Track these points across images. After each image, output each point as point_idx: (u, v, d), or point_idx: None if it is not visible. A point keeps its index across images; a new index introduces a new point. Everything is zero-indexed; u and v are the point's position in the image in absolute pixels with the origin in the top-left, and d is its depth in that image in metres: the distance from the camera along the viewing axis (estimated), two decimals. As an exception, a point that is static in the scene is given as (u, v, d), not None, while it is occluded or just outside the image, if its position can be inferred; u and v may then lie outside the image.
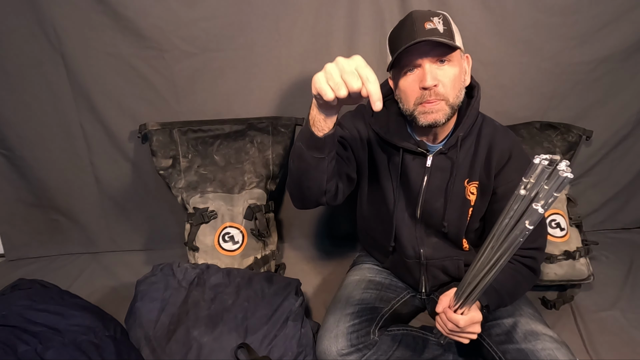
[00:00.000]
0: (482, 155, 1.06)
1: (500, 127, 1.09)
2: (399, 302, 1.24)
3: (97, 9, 1.40)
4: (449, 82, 0.96)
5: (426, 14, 0.95)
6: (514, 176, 1.03)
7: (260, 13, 1.45)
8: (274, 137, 1.59)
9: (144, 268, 1.37)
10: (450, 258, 1.17)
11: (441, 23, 0.94)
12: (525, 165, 0.97)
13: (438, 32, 0.92)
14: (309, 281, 1.47)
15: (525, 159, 1.06)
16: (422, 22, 0.93)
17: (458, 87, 0.99)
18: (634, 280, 1.51)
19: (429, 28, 0.92)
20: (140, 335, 1.11)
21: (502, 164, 1.05)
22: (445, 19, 0.96)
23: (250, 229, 1.45)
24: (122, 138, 1.59)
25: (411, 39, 0.92)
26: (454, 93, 0.98)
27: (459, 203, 1.10)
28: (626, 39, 1.53)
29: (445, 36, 0.93)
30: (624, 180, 1.79)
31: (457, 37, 0.97)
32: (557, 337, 1.00)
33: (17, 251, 1.76)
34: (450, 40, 0.92)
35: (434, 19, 0.94)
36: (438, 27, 0.93)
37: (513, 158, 1.05)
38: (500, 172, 1.05)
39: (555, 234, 1.41)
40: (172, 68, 1.50)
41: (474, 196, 1.09)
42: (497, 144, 1.05)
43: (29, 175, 1.64)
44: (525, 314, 1.07)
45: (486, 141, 1.06)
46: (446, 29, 0.94)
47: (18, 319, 1.01)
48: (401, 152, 1.09)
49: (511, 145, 1.06)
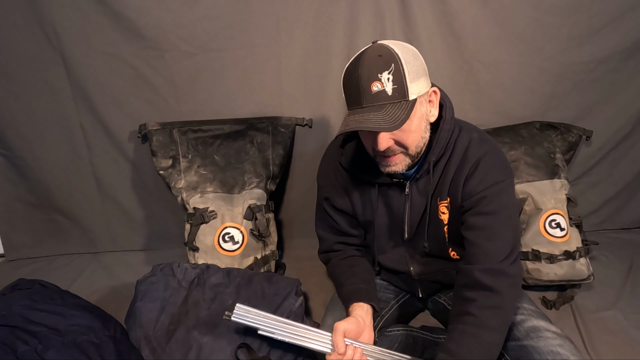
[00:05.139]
0: (452, 172, 1.00)
1: (475, 138, 1.00)
2: (398, 303, 1.24)
3: (97, 9, 1.40)
4: (406, 137, 0.90)
5: (372, 70, 0.85)
6: (478, 188, 0.96)
7: (260, 13, 1.45)
8: (274, 137, 1.58)
9: (144, 268, 1.37)
10: (441, 271, 1.15)
11: (391, 81, 0.85)
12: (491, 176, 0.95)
13: (385, 96, 0.85)
14: (309, 281, 1.46)
15: (494, 169, 0.97)
16: (369, 83, 0.85)
17: (419, 136, 0.93)
18: (634, 280, 1.51)
19: (376, 91, 0.85)
20: (140, 335, 1.11)
21: (468, 176, 0.98)
22: (397, 71, 0.85)
23: (250, 229, 1.45)
24: (122, 138, 1.59)
25: (357, 103, 0.87)
26: (414, 143, 0.92)
27: (436, 223, 1.06)
28: (626, 39, 1.53)
29: (395, 97, 0.85)
30: (624, 180, 1.79)
31: (412, 86, 0.87)
32: (560, 332, 0.97)
33: (17, 251, 1.76)
34: (398, 103, 0.85)
35: (382, 75, 0.85)
36: (386, 88, 0.85)
37: (478, 169, 0.97)
38: (465, 185, 0.98)
39: (556, 234, 1.41)
40: (172, 68, 1.50)
41: (446, 215, 1.05)
42: (469, 157, 0.98)
43: (29, 175, 1.64)
44: (526, 310, 1.05)
45: (458, 156, 0.99)
46: (396, 87, 0.85)
47: (18, 319, 1.01)
48: (376, 185, 1.07)
49: (482, 155, 0.97)
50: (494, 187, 0.95)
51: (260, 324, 0.98)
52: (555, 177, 1.47)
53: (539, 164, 1.49)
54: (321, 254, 1.26)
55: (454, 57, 1.54)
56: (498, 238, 0.93)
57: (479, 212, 0.95)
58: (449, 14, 1.47)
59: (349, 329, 0.96)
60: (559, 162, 1.51)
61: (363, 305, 1.05)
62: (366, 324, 1.02)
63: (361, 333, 1.00)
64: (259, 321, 0.99)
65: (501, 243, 0.93)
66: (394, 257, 1.17)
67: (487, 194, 0.95)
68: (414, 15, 1.47)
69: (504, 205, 0.96)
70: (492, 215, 0.95)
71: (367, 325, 1.02)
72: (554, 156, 1.52)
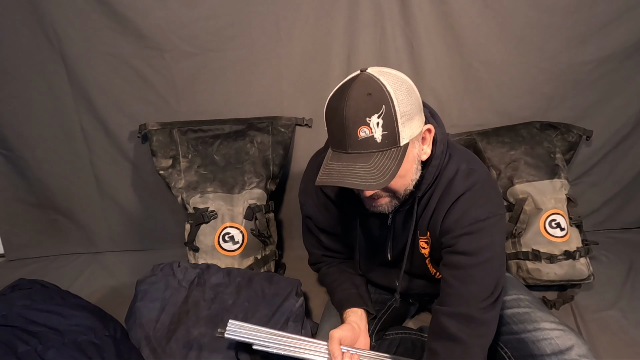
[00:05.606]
0: (433, 206, 0.92)
1: (463, 170, 0.90)
2: (396, 302, 1.24)
3: (97, 9, 1.40)
4: (395, 183, 0.82)
5: (360, 112, 0.73)
6: (454, 226, 0.89)
7: (260, 13, 1.45)
8: (274, 137, 1.58)
9: (144, 268, 1.37)
10: (429, 286, 1.12)
11: (380, 126, 0.74)
12: (470, 214, 0.87)
13: (374, 143, 0.74)
14: (309, 281, 1.46)
15: (474, 206, 0.88)
16: (355, 128, 0.74)
17: (408, 180, 0.85)
18: (634, 280, 1.51)
19: (363, 137, 0.74)
20: (140, 335, 1.11)
21: (447, 213, 0.90)
22: (388, 114, 0.74)
23: (250, 229, 1.45)
24: (122, 138, 1.59)
25: (341, 147, 0.77)
26: (404, 187, 0.85)
27: (418, 256, 1.03)
28: (626, 39, 1.53)
29: (384, 145, 0.75)
30: (624, 180, 1.79)
31: (405, 130, 0.76)
32: (558, 322, 0.96)
33: (17, 251, 1.76)
34: (388, 151, 0.75)
35: (371, 119, 0.73)
36: (375, 135, 0.74)
37: (458, 205, 0.89)
38: (443, 222, 0.91)
39: (556, 234, 1.41)
40: (172, 68, 1.50)
41: (427, 250, 1.00)
42: (451, 192, 0.89)
43: (29, 175, 1.64)
44: (523, 302, 1.04)
45: (440, 190, 0.91)
46: (387, 133, 0.74)
47: (18, 319, 1.01)
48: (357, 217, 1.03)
49: (465, 190, 0.89)
50: (472, 226, 0.87)
51: (254, 339, 0.98)
52: (555, 177, 1.47)
53: (539, 164, 1.49)
54: (311, 265, 1.26)
55: (454, 57, 1.54)
56: (473, 281, 0.87)
57: (456, 251, 0.89)
58: (449, 14, 1.47)
59: (344, 336, 0.95)
60: (559, 162, 1.51)
61: (356, 310, 1.04)
62: (361, 329, 1.01)
63: (357, 339, 0.99)
64: (252, 336, 0.98)
65: (476, 287, 0.86)
66: (379, 274, 1.16)
67: (465, 232, 0.88)
68: (414, 15, 1.47)
69: (484, 246, 0.87)
70: (469, 255, 0.87)
71: (362, 331, 1.01)
72: (554, 156, 1.52)
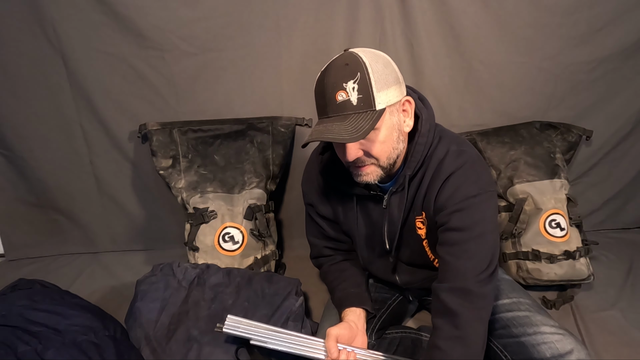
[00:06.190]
0: (425, 186, 0.97)
1: (453, 151, 0.95)
2: (395, 302, 1.24)
3: (97, 9, 1.40)
4: (375, 148, 0.88)
5: (338, 79, 0.83)
6: (447, 203, 0.92)
7: (260, 13, 1.45)
8: (274, 137, 1.58)
9: (144, 268, 1.37)
10: (428, 278, 1.13)
11: (356, 90, 0.83)
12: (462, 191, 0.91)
13: (350, 105, 0.83)
14: (309, 281, 1.46)
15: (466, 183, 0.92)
16: (334, 93, 0.83)
17: (389, 147, 0.90)
18: (634, 280, 1.51)
19: (341, 101, 0.83)
20: (140, 335, 1.11)
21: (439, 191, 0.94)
22: (363, 80, 0.83)
23: (250, 229, 1.45)
24: (122, 138, 1.59)
25: (324, 112, 0.86)
26: (385, 154, 0.90)
27: (415, 238, 1.05)
28: (626, 39, 1.53)
29: (360, 107, 0.83)
30: (624, 180, 1.79)
31: (380, 96, 0.84)
32: (557, 326, 0.97)
33: (17, 251, 1.76)
34: (364, 113, 0.83)
35: (347, 84, 0.83)
36: (351, 98, 0.83)
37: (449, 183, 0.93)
38: (436, 200, 0.95)
39: (556, 234, 1.41)
40: (172, 68, 1.50)
41: (423, 230, 1.03)
42: (442, 171, 0.94)
43: (29, 175, 1.64)
44: (523, 306, 1.04)
45: (432, 170, 0.95)
46: (362, 97, 0.83)
47: (18, 319, 1.01)
48: (355, 197, 1.06)
49: (455, 169, 0.93)
50: (464, 202, 0.90)
51: (252, 334, 0.99)
52: (555, 177, 1.47)
53: (539, 164, 1.49)
54: (313, 259, 1.27)
55: (454, 57, 1.54)
56: (468, 256, 0.89)
57: (449, 228, 0.92)
58: (449, 14, 1.48)
59: (342, 334, 0.96)
60: (559, 162, 1.51)
61: (355, 309, 1.05)
62: (359, 328, 1.02)
63: (354, 338, 1.00)
64: (250, 331, 0.99)
65: (471, 261, 0.89)
66: (379, 267, 1.17)
67: (457, 209, 0.91)
68: (414, 15, 1.47)
69: (476, 221, 0.90)
70: (462, 231, 0.90)
71: (359, 330, 1.02)
72: (554, 156, 1.52)
